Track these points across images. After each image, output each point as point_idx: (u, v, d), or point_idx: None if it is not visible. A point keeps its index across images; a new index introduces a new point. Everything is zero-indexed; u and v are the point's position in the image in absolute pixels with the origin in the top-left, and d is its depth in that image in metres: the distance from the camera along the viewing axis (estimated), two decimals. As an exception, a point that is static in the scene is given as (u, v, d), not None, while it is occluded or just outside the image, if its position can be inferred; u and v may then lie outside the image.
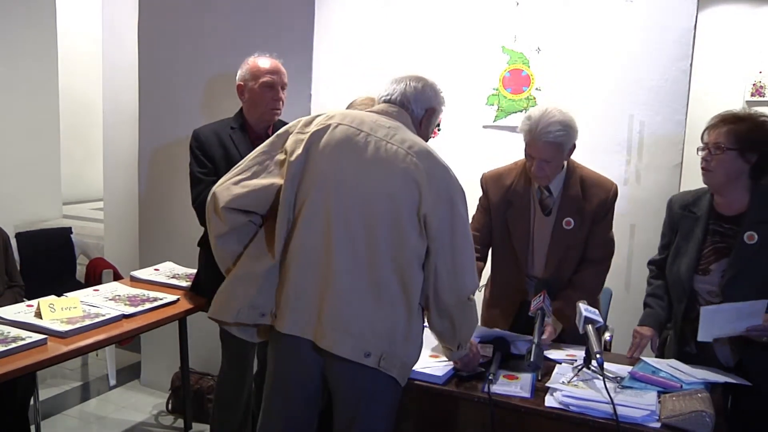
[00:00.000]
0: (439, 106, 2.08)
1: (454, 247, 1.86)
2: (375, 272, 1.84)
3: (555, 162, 2.37)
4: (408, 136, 1.91)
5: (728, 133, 2.17)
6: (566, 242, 2.44)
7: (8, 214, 4.26)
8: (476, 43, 3.69)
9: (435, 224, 1.83)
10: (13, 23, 4.35)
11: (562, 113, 2.34)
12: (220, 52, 3.44)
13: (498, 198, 2.54)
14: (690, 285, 2.27)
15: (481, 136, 3.73)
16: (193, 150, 2.76)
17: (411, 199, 1.83)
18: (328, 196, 1.86)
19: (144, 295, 2.87)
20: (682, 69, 3.27)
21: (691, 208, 2.34)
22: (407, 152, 1.85)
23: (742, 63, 4.83)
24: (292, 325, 1.89)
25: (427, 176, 1.84)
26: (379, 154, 1.86)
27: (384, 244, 1.83)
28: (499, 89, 3.69)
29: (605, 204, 2.44)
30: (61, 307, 2.51)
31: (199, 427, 3.34)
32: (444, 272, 1.85)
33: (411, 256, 1.84)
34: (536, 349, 1.97)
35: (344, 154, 1.88)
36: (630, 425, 1.78)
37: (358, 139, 1.88)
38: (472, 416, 1.97)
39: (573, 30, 3.47)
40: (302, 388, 1.97)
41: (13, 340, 2.24)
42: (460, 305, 1.90)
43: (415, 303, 1.87)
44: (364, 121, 1.93)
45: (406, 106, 2.00)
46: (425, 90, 2.03)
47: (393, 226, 1.83)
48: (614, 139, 3.41)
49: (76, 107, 5.67)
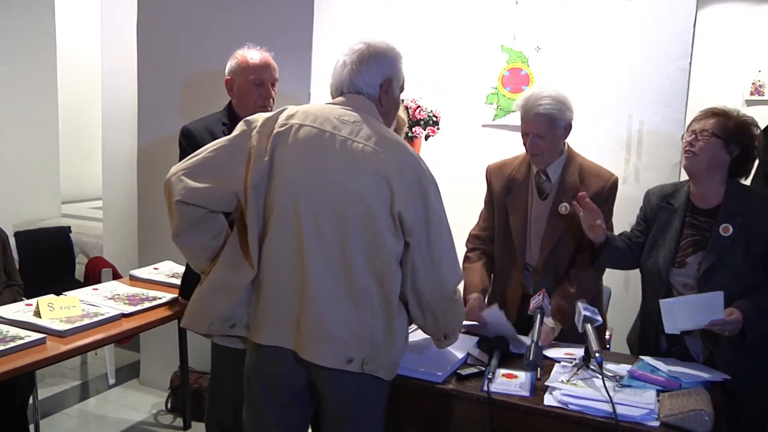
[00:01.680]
0: (395, 69, 1.92)
1: (430, 240, 1.80)
2: (351, 277, 1.78)
3: (549, 138, 2.38)
4: (374, 129, 1.82)
5: (716, 123, 2.21)
6: (561, 227, 2.44)
7: (7, 213, 4.25)
8: (475, 41, 3.70)
9: (410, 219, 1.77)
10: (11, 22, 4.34)
11: (554, 90, 2.39)
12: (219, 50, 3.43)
13: (500, 187, 2.56)
14: (667, 277, 2.29)
15: (480, 135, 3.74)
16: (184, 148, 2.63)
17: (383, 198, 1.76)
18: (297, 202, 1.79)
19: (143, 294, 2.87)
20: (681, 68, 3.28)
21: (669, 200, 2.36)
22: (374, 149, 1.77)
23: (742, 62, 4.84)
24: (272, 335, 1.85)
25: (397, 171, 1.76)
26: (346, 155, 1.78)
27: (358, 247, 1.77)
28: (498, 88, 3.69)
29: (602, 193, 2.43)
30: (60, 306, 2.51)
31: (199, 426, 3.34)
32: (421, 267, 1.80)
33: (388, 257, 1.78)
34: (535, 348, 1.97)
35: (310, 158, 1.80)
36: (629, 424, 1.78)
37: (324, 140, 1.80)
38: (471, 415, 1.97)
39: (572, 29, 3.47)
40: (293, 395, 1.93)
41: (12, 339, 2.24)
42: (442, 299, 1.86)
43: (394, 302, 1.82)
44: (327, 118, 1.83)
45: (361, 92, 1.89)
46: (371, 65, 1.88)
47: (366, 228, 1.77)
48: (613, 138, 3.41)
49: (75, 106, 5.66)
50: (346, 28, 3.53)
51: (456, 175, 3.71)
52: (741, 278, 2.18)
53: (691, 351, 2.28)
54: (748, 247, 2.18)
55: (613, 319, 2.88)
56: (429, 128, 3.46)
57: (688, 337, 2.27)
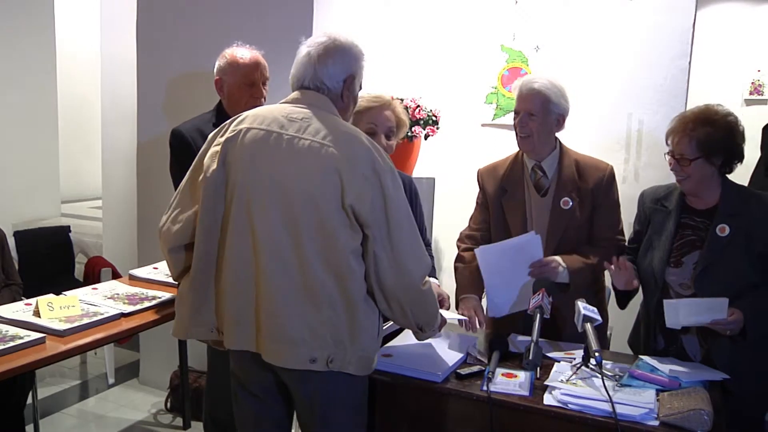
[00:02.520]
0: (358, 67, 1.92)
1: (391, 230, 1.78)
2: (307, 277, 1.77)
3: (539, 120, 2.38)
4: (324, 123, 1.80)
5: (690, 143, 2.19)
6: (565, 222, 2.43)
7: (6, 213, 4.26)
8: (475, 41, 3.70)
9: (364, 211, 1.74)
10: (10, 19, 4.34)
11: (554, 77, 2.43)
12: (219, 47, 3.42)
13: (494, 188, 2.55)
14: (662, 277, 2.29)
15: (480, 135, 3.74)
16: (174, 151, 2.62)
17: (333, 193, 1.74)
18: (249, 206, 1.79)
19: (143, 293, 2.86)
20: (680, 67, 3.28)
21: (663, 202, 2.36)
22: (322, 143, 1.76)
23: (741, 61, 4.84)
24: (237, 340, 1.87)
25: (348, 162, 1.74)
26: (293, 153, 1.77)
27: (312, 246, 1.76)
28: (498, 88, 3.69)
29: (602, 183, 2.44)
30: (60, 305, 2.51)
31: (198, 425, 3.33)
32: (384, 258, 1.78)
33: (343, 253, 1.76)
34: (535, 348, 1.96)
35: (257, 161, 1.80)
36: (629, 423, 1.78)
37: (270, 141, 1.79)
38: (470, 414, 1.97)
39: (572, 28, 3.47)
40: (268, 393, 1.98)
41: (12, 338, 2.23)
42: (408, 290, 1.83)
43: (356, 298, 1.79)
44: (275, 118, 1.83)
45: (321, 88, 1.88)
46: (336, 59, 1.87)
47: (318, 226, 1.75)
48: (613, 137, 3.41)
49: (75, 105, 5.66)
50: (346, 27, 3.53)
51: (455, 175, 3.71)
52: (737, 278, 2.19)
53: (688, 350, 2.28)
54: (747, 246, 2.18)
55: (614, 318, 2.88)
56: (428, 128, 3.46)
57: (684, 336, 2.28)
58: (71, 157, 5.58)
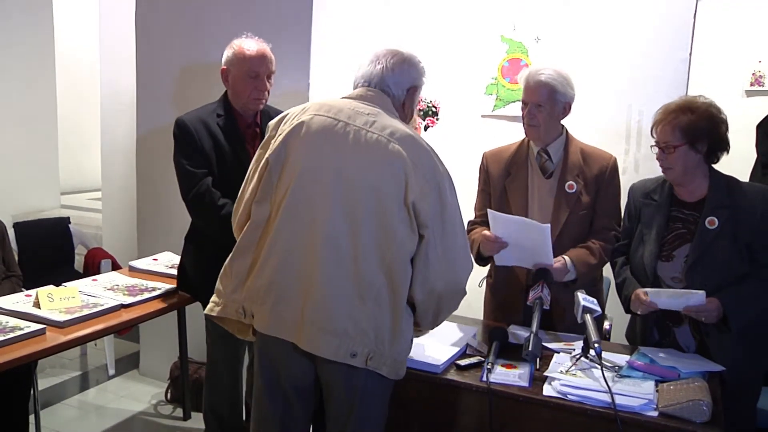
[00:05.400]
0: (421, 80, 2.01)
1: (445, 234, 1.81)
2: (360, 269, 1.77)
3: (547, 110, 2.41)
4: (389, 122, 1.83)
5: (673, 130, 2.21)
6: (569, 206, 2.45)
7: (6, 204, 4.26)
8: (475, 32, 3.68)
9: (424, 211, 1.77)
10: (9, 12, 4.32)
11: (559, 66, 2.45)
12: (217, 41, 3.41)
13: (498, 171, 2.58)
14: (653, 271, 2.30)
15: (480, 126, 3.73)
16: (178, 140, 2.62)
17: (396, 189, 1.76)
18: (309, 191, 1.80)
19: (142, 284, 2.87)
20: (681, 58, 3.26)
21: (653, 196, 2.37)
22: (389, 140, 1.78)
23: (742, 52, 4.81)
24: (275, 326, 1.85)
25: (413, 163, 1.77)
26: (360, 144, 1.79)
27: (369, 238, 1.77)
28: (498, 79, 3.68)
29: (606, 171, 2.48)
30: (60, 297, 2.51)
31: (198, 416, 3.34)
32: (435, 261, 1.80)
33: (399, 250, 1.78)
34: (534, 339, 1.97)
35: (323, 147, 1.81)
36: (628, 414, 1.79)
37: (337, 129, 1.82)
38: (470, 405, 1.98)
39: (572, 19, 3.46)
40: (295, 390, 1.93)
41: (12, 329, 2.24)
42: (453, 295, 1.88)
43: (402, 299, 1.81)
44: (341, 109, 1.85)
45: (386, 91, 1.93)
46: (404, 68, 1.95)
47: (379, 219, 1.76)
48: (613, 129, 3.40)
49: (74, 97, 5.64)
50: (345, 16, 3.51)
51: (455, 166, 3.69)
52: (728, 270, 2.20)
53: (681, 342, 2.29)
54: (735, 238, 2.19)
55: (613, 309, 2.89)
56: (428, 119, 3.46)
57: (677, 329, 2.29)
58: (71, 148, 5.57)
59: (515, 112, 3.63)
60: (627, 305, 2.34)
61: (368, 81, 1.94)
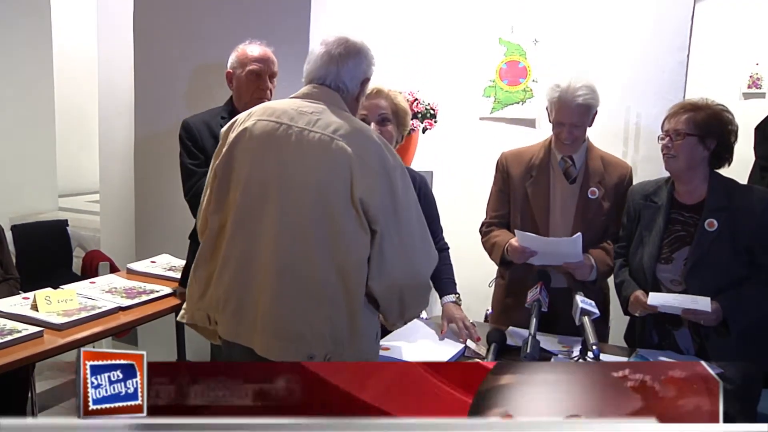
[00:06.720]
0: (371, 69, 1.94)
1: (401, 227, 1.78)
2: (312, 272, 1.75)
3: (583, 126, 2.47)
4: (333, 119, 1.79)
5: (687, 121, 2.22)
6: (591, 211, 2.48)
7: (3, 207, 4.24)
8: (473, 34, 3.69)
9: (374, 206, 1.73)
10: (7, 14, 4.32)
11: (585, 78, 2.49)
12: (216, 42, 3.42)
13: (519, 171, 2.58)
14: (653, 274, 2.30)
15: (478, 128, 3.73)
16: (183, 141, 2.70)
17: (342, 187, 1.73)
18: (256, 200, 1.79)
19: (140, 287, 2.87)
20: (678, 60, 3.27)
21: (652, 198, 2.37)
22: (332, 137, 1.75)
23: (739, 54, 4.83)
24: (234, 332, 1.86)
25: (358, 158, 1.73)
26: (302, 146, 1.76)
27: (318, 241, 1.75)
28: (496, 81, 3.69)
29: (625, 180, 2.53)
30: (58, 299, 2.51)
31: (196, 418, 3.34)
32: (392, 255, 1.77)
33: (350, 250, 1.75)
34: (533, 341, 1.97)
35: (265, 154, 1.80)
36: (626, 416, 1.78)
37: (279, 133, 1.79)
38: (468, 408, 1.97)
39: (570, 21, 3.46)
40: None
41: (9, 332, 2.23)
42: (416, 288, 1.85)
43: (359, 298, 1.78)
44: (285, 111, 1.82)
45: (339, 88, 1.87)
46: (358, 62, 1.89)
47: (326, 220, 1.74)
48: (611, 131, 3.40)
49: (72, 99, 5.63)
50: (343, 19, 3.51)
51: (453, 168, 3.70)
52: (727, 272, 2.20)
53: (681, 345, 2.29)
54: (734, 240, 2.19)
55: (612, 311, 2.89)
56: (426, 121, 3.45)
57: (677, 331, 2.30)
58: (68, 150, 5.56)
59: (513, 115, 3.65)
60: (626, 307, 2.34)
61: (320, 79, 1.88)
